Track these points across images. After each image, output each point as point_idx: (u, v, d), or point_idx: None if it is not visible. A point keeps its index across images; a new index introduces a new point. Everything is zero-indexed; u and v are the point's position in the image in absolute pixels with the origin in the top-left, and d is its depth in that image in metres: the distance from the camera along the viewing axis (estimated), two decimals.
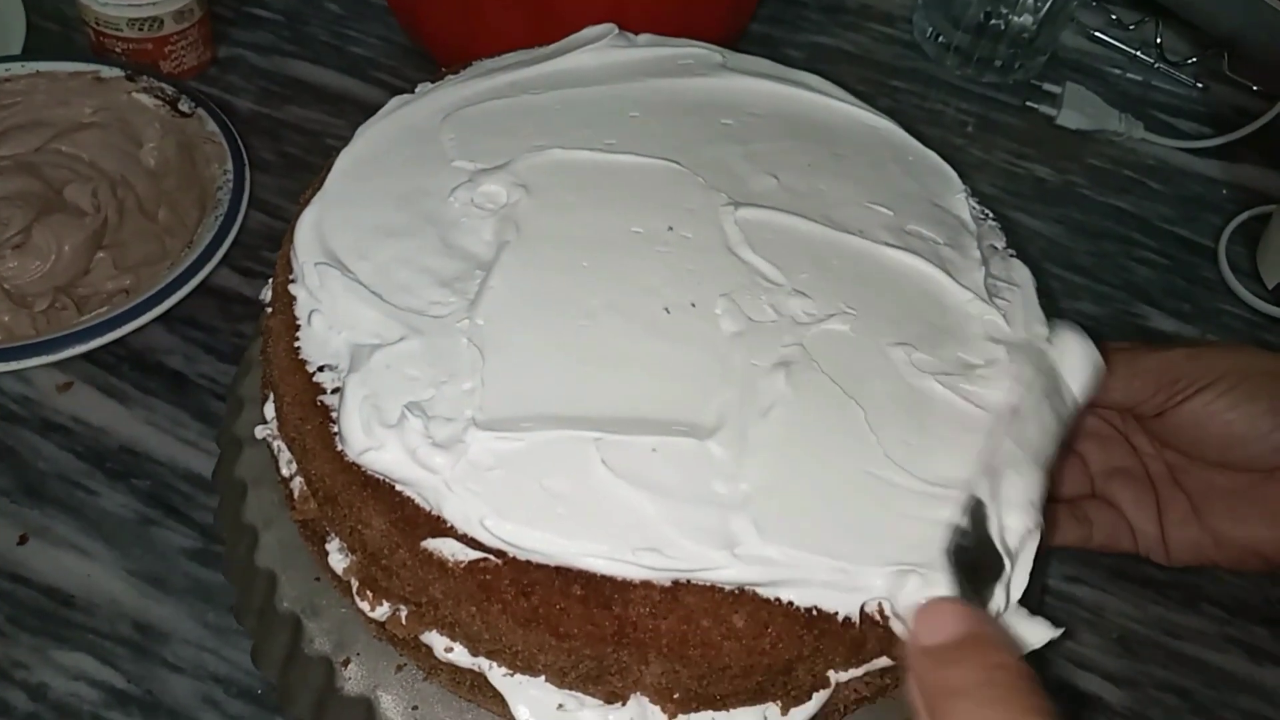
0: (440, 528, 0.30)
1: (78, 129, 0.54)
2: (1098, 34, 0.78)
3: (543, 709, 0.33)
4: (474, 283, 0.35)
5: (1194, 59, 0.77)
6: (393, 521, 0.31)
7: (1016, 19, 0.71)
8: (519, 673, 0.32)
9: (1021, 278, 0.41)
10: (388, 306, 0.33)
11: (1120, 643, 0.47)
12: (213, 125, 0.54)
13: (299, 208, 0.37)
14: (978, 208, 0.44)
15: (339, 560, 0.35)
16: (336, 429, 0.32)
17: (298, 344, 0.34)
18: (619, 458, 0.31)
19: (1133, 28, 0.78)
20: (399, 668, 0.35)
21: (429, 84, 0.42)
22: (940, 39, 0.74)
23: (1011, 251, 0.43)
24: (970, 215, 0.42)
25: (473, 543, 0.30)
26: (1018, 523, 0.32)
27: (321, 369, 0.33)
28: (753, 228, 0.39)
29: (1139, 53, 0.77)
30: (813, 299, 0.37)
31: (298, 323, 0.34)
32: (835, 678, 0.33)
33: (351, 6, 0.71)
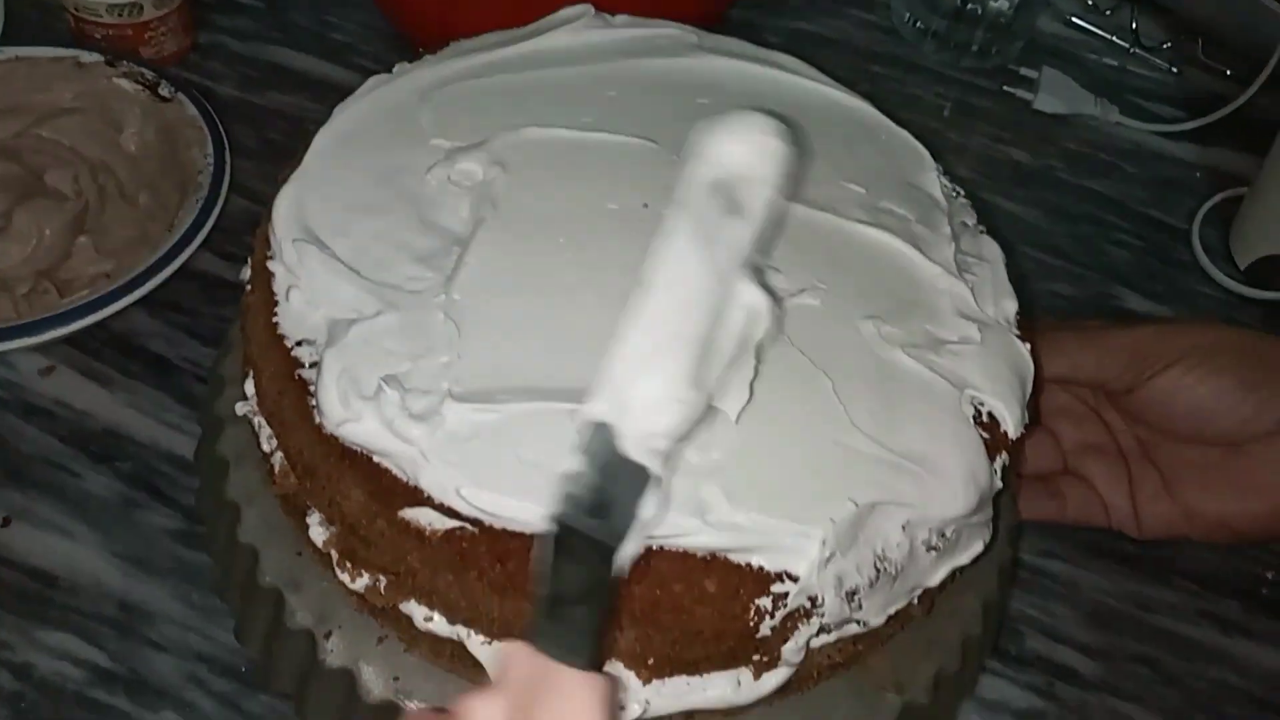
0: (417, 497, 0.31)
1: (58, 114, 0.54)
2: (1074, 19, 0.79)
3: None
4: (450, 259, 0.35)
5: (1169, 44, 0.78)
6: (370, 492, 0.31)
7: (993, 4, 0.72)
8: (497, 640, 0.33)
9: (991, 254, 0.42)
10: (365, 282, 0.34)
11: (1093, 616, 0.48)
12: (193, 110, 0.54)
13: (277, 185, 0.38)
14: (949, 185, 0.44)
15: (319, 533, 0.35)
16: (315, 402, 0.32)
17: (276, 319, 0.34)
18: None
19: (1108, 13, 0.79)
20: (380, 640, 0.36)
21: (406, 64, 0.43)
22: (918, 24, 0.75)
23: (982, 228, 0.43)
24: (941, 192, 0.43)
25: (449, 512, 0.30)
26: (657, 422, 0.27)
27: (300, 344, 0.34)
28: None
29: (1114, 38, 0.78)
30: (784, 274, 0.37)
31: (276, 299, 0.35)
32: (805, 641, 0.33)
33: None
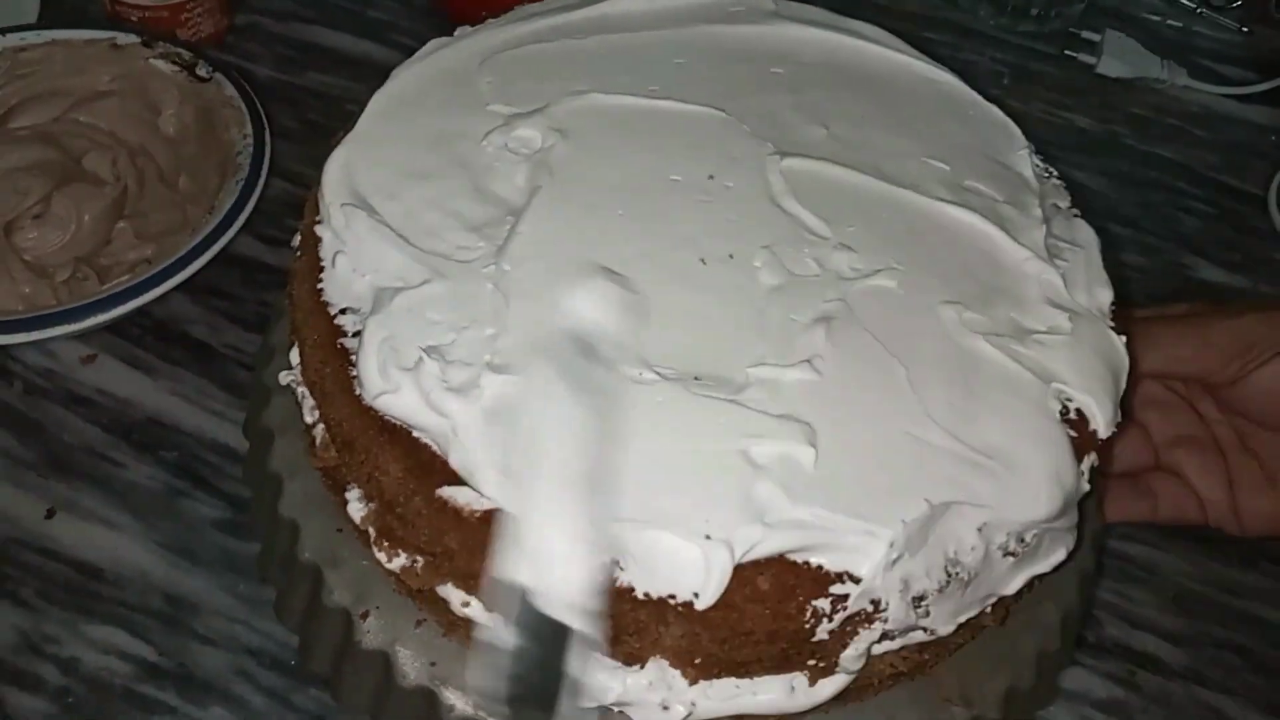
0: (455, 476, 0.29)
1: (95, 97, 0.53)
2: None
3: None
4: (503, 228, 0.34)
5: (1237, 2, 0.74)
6: (408, 468, 0.30)
7: None
8: None
9: (1085, 238, 0.39)
10: (413, 249, 0.33)
11: (1176, 601, 0.46)
12: (231, 90, 0.53)
13: (330, 148, 0.36)
14: (1041, 165, 0.42)
15: (357, 509, 0.34)
16: (355, 373, 0.31)
17: (320, 286, 0.33)
18: None
19: None
20: (418, 623, 0.34)
21: (468, 28, 0.41)
22: None
23: (1075, 211, 0.41)
24: (1033, 173, 0.41)
25: None
26: (570, 575, 0.26)
27: (344, 311, 0.33)
28: (798, 178, 0.37)
29: None
30: (859, 253, 0.35)
31: (322, 265, 0.33)
32: (866, 648, 0.31)
33: None
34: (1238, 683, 0.44)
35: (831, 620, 0.29)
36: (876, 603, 0.30)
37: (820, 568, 0.29)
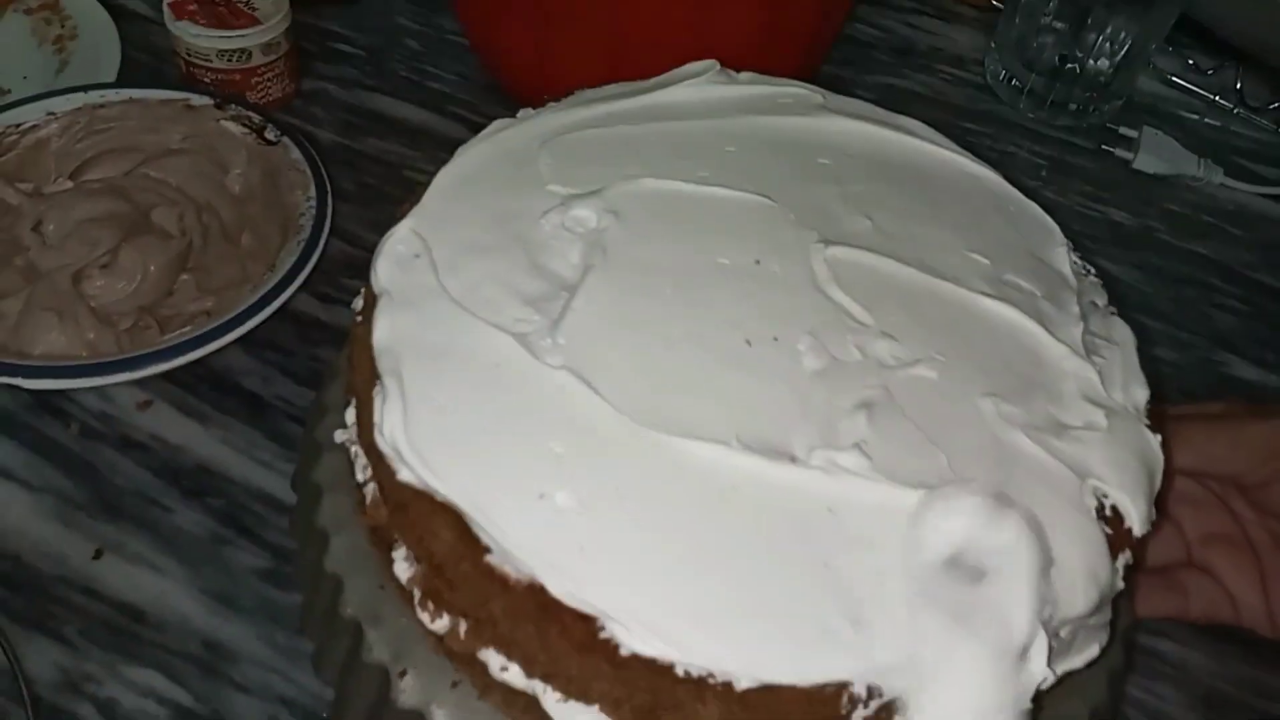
0: None
1: (167, 154, 0.55)
2: (1174, 78, 0.77)
3: None
4: (558, 303, 0.35)
5: (1275, 104, 0.76)
6: (459, 534, 0.31)
7: (1092, 63, 0.71)
8: (573, 699, 0.32)
9: (1122, 336, 0.40)
10: (473, 320, 0.34)
11: (1206, 700, 0.45)
12: (297, 154, 0.55)
13: (396, 218, 0.38)
14: (1079, 262, 0.43)
15: (404, 569, 0.34)
16: None
17: None
18: None
19: (1211, 73, 0.77)
20: (454, 684, 0.35)
21: (530, 110, 0.43)
22: (1014, 82, 0.74)
23: (1113, 309, 0.42)
24: (1071, 270, 0.42)
25: None
26: None
27: None
28: (843, 267, 0.38)
29: (1217, 98, 0.76)
30: (901, 342, 0.36)
31: None
32: None
33: (431, 44, 0.72)
34: None
35: (867, 707, 0.30)
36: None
37: None
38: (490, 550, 0.30)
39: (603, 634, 0.29)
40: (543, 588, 0.30)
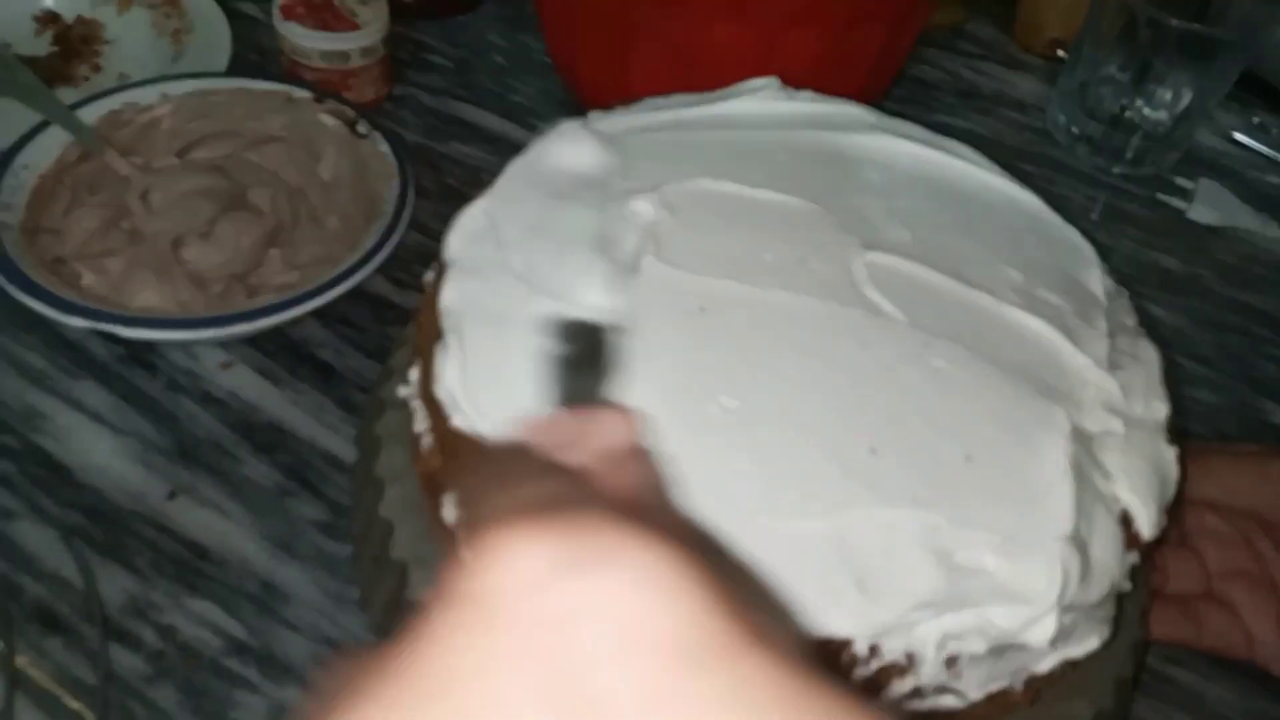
0: None
1: (266, 141, 0.60)
2: (1236, 135, 0.78)
3: None
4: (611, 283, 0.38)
5: None
6: None
7: (1151, 114, 0.72)
8: None
9: (1147, 355, 0.41)
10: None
11: None
12: (385, 148, 0.59)
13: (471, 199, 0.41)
14: (1113, 285, 0.44)
15: (451, 513, 0.37)
16: None
17: None
18: None
19: (1275, 131, 0.78)
20: None
21: (600, 113, 0.46)
22: (1073, 129, 0.75)
23: (1141, 330, 0.43)
24: (1103, 291, 0.43)
25: None
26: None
27: None
28: (880, 271, 0.41)
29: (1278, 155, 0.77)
30: (928, 345, 0.38)
31: None
32: (896, 700, 0.33)
33: (516, 60, 0.77)
34: None
35: (868, 666, 0.32)
36: (912, 656, 0.32)
37: None
38: None
39: None
40: None
